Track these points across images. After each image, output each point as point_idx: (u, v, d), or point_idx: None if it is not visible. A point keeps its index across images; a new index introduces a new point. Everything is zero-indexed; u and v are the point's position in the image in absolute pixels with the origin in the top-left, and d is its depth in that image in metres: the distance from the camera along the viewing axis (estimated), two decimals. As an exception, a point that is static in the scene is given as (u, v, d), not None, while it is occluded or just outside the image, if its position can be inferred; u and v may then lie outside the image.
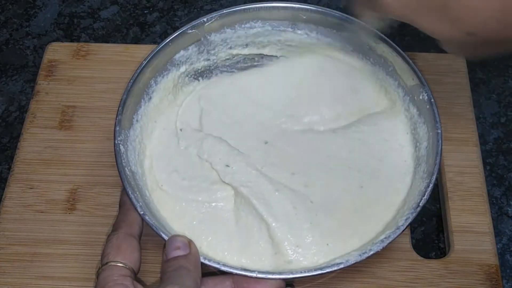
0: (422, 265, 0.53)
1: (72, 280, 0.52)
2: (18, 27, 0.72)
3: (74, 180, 0.57)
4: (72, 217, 0.55)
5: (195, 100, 0.57)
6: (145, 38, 0.71)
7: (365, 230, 0.49)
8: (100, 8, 0.74)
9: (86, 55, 0.65)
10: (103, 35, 0.71)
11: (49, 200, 0.56)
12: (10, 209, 0.56)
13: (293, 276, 0.44)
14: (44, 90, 0.63)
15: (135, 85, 0.52)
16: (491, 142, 0.63)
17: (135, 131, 0.52)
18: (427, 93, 0.51)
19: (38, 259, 0.53)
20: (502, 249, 0.57)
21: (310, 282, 0.52)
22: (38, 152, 0.59)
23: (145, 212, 0.46)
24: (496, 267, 0.53)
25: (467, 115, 0.61)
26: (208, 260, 0.44)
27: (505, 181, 0.61)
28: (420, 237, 0.57)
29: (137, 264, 0.45)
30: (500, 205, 0.59)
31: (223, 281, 0.45)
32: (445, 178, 0.57)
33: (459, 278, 0.52)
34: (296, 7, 0.56)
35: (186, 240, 0.45)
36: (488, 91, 0.66)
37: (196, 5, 0.74)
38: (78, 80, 0.63)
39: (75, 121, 0.61)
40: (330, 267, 0.44)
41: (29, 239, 0.54)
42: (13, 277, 0.52)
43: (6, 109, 0.66)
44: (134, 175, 0.49)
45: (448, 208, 0.56)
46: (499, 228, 0.58)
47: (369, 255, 0.44)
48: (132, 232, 0.46)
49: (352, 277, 0.52)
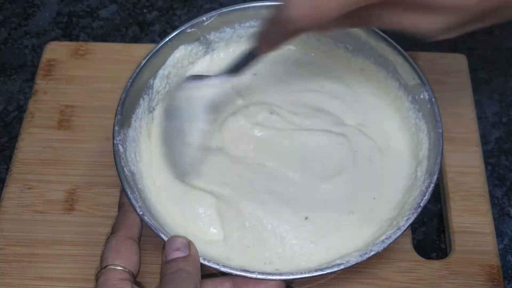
0: (423, 266, 0.53)
1: (71, 281, 0.52)
2: (17, 26, 0.72)
3: (73, 180, 0.57)
4: (71, 217, 0.55)
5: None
6: (144, 37, 0.71)
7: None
8: (99, 7, 0.73)
9: (85, 54, 0.65)
10: (102, 34, 0.71)
11: (48, 201, 0.56)
12: (9, 210, 0.56)
13: (293, 277, 0.44)
14: (43, 90, 0.63)
15: (134, 84, 0.52)
16: (493, 142, 0.63)
17: (134, 130, 0.52)
18: (428, 92, 0.51)
19: (37, 259, 0.53)
20: (504, 249, 0.57)
21: (310, 283, 0.52)
22: (36, 152, 0.59)
23: (144, 213, 0.46)
24: (498, 268, 0.53)
25: (468, 115, 0.61)
26: (207, 261, 0.44)
27: (506, 181, 0.61)
28: (421, 238, 0.57)
29: (136, 267, 0.45)
30: (502, 205, 0.59)
31: (223, 282, 0.45)
32: (446, 178, 0.57)
33: (460, 279, 0.52)
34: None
35: (185, 241, 0.44)
36: (490, 90, 0.66)
37: (195, 4, 0.74)
38: (76, 79, 0.63)
39: (74, 120, 0.61)
40: (330, 268, 0.44)
41: (28, 239, 0.54)
42: (11, 277, 0.52)
43: (4, 109, 0.65)
44: (133, 175, 0.49)
45: (450, 209, 0.56)
46: (501, 228, 0.58)
47: (370, 255, 0.44)
48: (131, 234, 0.46)
49: (353, 277, 0.52)
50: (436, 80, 0.59)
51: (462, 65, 0.64)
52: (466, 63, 0.64)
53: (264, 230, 0.48)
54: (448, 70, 0.63)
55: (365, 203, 0.50)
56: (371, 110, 0.56)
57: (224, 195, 0.50)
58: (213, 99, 0.49)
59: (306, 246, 0.48)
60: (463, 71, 0.63)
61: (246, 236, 0.48)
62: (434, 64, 0.63)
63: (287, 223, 0.48)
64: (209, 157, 0.51)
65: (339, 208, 0.49)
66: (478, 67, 0.67)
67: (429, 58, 0.64)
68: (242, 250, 0.48)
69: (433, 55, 0.64)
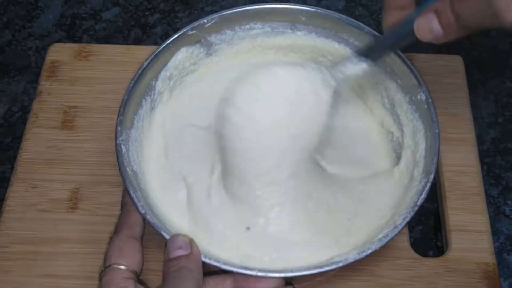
0: (420, 264, 0.54)
1: (75, 279, 0.53)
2: (21, 28, 0.73)
3: (77, 179, 0.58)
4: (75, 216, 0.56)
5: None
6: (146, 39, 0.72)
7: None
8: (102, 10, 0.74)
9: (88, 56, 0.65)
10: (105, 36, 0.72)
11: (52, 200, 0.57)
12: (13, 208, 0.56)
13: (293, 274, 0.44)
14: (47, 91, 0.63)
15: (137, 85, 0.52)
16: (489, 142, 0.64)
17: (136, 131, 0.53)
18: (424, 93, 0.51)
19: (41, 257, 0.54)
20: (499, 247, 0.57)
21: (309, 280, 0.53)
22: (40, 152, 0.59)
23: (146, 212, 0.46)
24: (494, 266, 0.53)
25: (464, 115, 0.61)
26: (208, 259, 0.44)
27: (502, 180, 0.61)
28: (418, 236, 0.58)
29: (139, 266, 0.45)
30: (497, 204, 0.60)
31: (224, 280, 0.45)
32: (443, 178, 0.58)
33: (456, 277, 0.53)
34: (295, 8, 0.56)
35: (187, 240, 0.45)
36: (486, 91, 0.67)
37: (196, 7, 0.74)
38: (80, 80, 0.64)
39: (77, 121, 0.61)
40: (329, 266, 0.44)
41: (32, 238, 0.55)
42: (16, 275, 0.53)
43: (8, 110, 0.66)
44: (135, 175, 0.50)
45: (446, 207, 0.56)
46: (496, 227, 0.59)
47: (367, 253, 0.44)
48: (134, 234, 0.46)
49: (351, 275, 0.53)
50: (433, 81, 0.59)
51: (459, 67, 0.64)
52: (462, 64, 0.64)
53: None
54: (445, 71, 0.64)
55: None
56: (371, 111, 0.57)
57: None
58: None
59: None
60: (460, 72, 0.64)
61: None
62: (431, 65, 0.63)
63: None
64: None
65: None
66: (474, 68, 0.67)
67: (426, 59, 0.64)
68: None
69: (430, 57, 0.64)
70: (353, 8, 0.74)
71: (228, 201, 0.50)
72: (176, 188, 0.52)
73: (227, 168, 0.49)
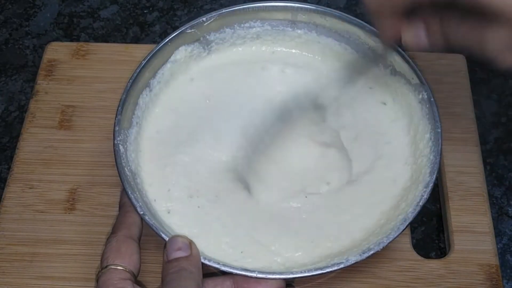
0: (422, 265, 0.53)
1: (72, 280, 0.52)
2: (18, 27, 0.72)
3: (74, 180, 0.57)
4: (72, 217, 0.56)
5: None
6: (144, 37, 0.71)
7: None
8: (99, 8, 0.74)
9: (86, 54, 0.65)
10: (103, 35, 0.71)
11: (49, 200, 0.56)
12: (10, 209, 0.56)
13: (293, 276, 0.44)
14: (44, 90, 0.63)
15: (135, 84, 0.52)
16: (492, 142, 0.63)
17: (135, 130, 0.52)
18: (427, 92, 0.51)
19: (38, 259, 0.53)
20: (503, 249, 0.57)
21: (310, 282, 0.52)
22: (37, 152, 0.59)
23: (144, 212, 0.46)
24: (497, 267, 0.53)
25: (467, 115, 0.61)
26: (208, 260, 0.44)
27: (505, 181, 0.61)
28: (420, 237, 0.57)
29: (137, 266, 0.45)
30: (501, 205, 0.60)
31: (224, 281, 0.45)
32: (445, 178, 0.57)
33: (459, 278, 0.52)
34: (295, 6, 0.56)
35: (187, 241, 0.45)
36: (489, 90, 0.66)
37: (195, 5, 0.74)
38: (77, 79, 0.64)
39: (75, 120, 0.61)
40: (330, 267, 0.44)
41: (29, 239, 0.54)
42: (13, 277, 0.52)
43: (5, 109, 0.66)
44: (133, 175, 0.49)
45: (448, 208, 0.56)
46: (499, 228, 0.58)
47: (369, 255, 0.44)
48: (131, 234, 0.46)
49: (352, 277, 0.52)
50: (435, 80, 0.59)
51: (461, 66, 0.64)
52: (465, 63, 0.64)
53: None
54: (447, 70, 0.63)
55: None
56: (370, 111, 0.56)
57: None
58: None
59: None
60: (462, 71, 0.63)
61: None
62: (433, 64, 0.63)
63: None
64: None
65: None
66: (476, 68, 0.67)
67: (429, 58, 0.64)
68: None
69: (432, 56, 0.64)
70: (354, 6, 0.74)
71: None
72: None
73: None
